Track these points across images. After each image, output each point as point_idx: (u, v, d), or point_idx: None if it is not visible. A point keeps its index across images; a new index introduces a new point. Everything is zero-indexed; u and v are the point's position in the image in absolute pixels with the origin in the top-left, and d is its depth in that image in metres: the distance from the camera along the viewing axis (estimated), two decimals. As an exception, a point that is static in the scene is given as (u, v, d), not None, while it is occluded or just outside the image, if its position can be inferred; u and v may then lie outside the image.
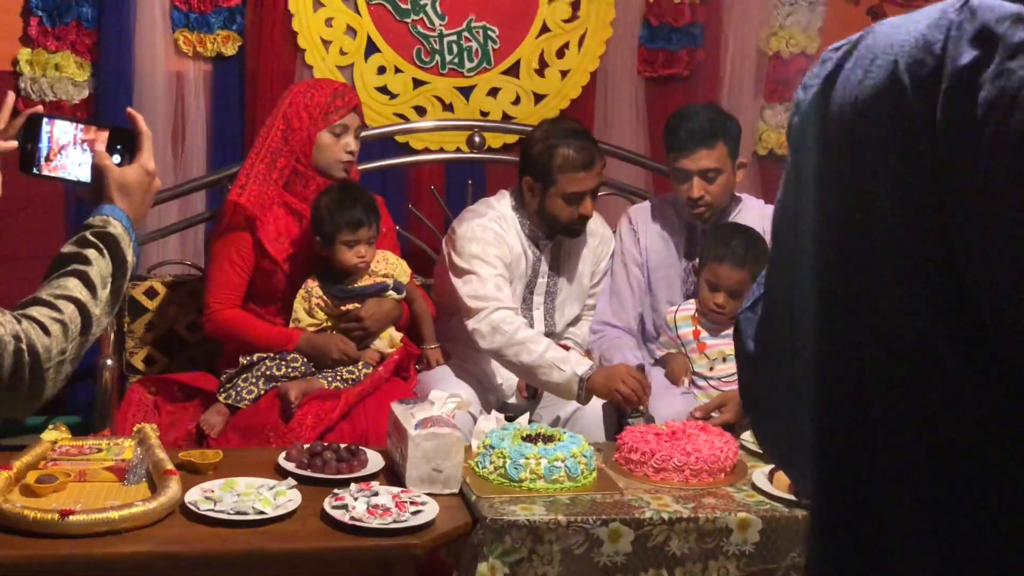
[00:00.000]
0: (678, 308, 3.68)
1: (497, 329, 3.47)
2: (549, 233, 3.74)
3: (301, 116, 3.60)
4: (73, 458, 2.83)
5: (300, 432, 3.26)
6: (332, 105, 3.59)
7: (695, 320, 3.63)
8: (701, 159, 3.63)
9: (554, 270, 3.80)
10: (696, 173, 3.64)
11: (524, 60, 4.58)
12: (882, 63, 1.11)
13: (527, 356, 3.43)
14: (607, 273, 3.91)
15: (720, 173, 3.65)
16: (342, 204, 3.47)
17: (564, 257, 3.82)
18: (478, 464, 2.90)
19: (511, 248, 3.68)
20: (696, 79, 4.77)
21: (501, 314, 3.49)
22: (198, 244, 4.36)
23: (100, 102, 4.25)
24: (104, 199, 1.93)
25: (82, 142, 1.99)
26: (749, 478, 2.92)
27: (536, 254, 3.76)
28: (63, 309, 1.74)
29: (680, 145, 3.64)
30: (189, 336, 3.90)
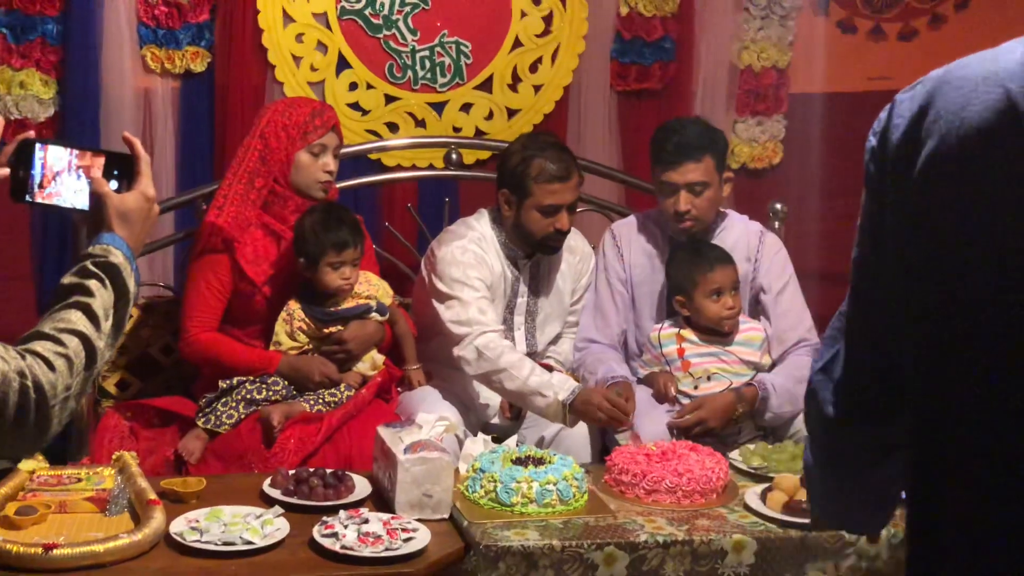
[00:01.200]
0: (662, 326, 3.67)
1: (481, 355, 3.45)
2: (527, 251, 3.71)
3: (279, 136, 3.55)
4: (52, 488, 2.78)
5: (283, 457, 3.22)
6: (311, 124, 3.55)
7: (679, 338, 3.62)
8: (688, 172, 3.62)
9: (533, 290, 3.78)
10: (683, 187, 3.63)
11: (497, 75, 4.56)
12: (987, 92, 1.14)
13: (511, 383, 3.40)
14: (588, 289, 3.88)
15: (707, 187, 3.64)
16: (327, 225, 3.43)
17: (543, 276, 3.80)
18: (468, 488, 2.87)
19: (492, 269, 3.65)
20: (669, 93, 4.77)
21: (485, 339, 3.46)
22: (167, 265, 4.30)
23: (66, 120, 4.18)
24: (104, 227, 1.89)
25: (78, 168, 1.94)
26: (741, 498, 2.91)
27: (515, 273, 3.73)
28: (67, 343, 1.69)
29: (667, 158, 3.63)
30: (164, 359, 3.84)
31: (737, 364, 3.59)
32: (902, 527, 2.74)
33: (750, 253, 3.74)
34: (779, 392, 3.50)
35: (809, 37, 4.91)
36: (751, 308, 3.75)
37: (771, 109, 4.88)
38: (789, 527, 2.76)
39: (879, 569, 2.76)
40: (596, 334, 3.81)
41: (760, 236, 3.79)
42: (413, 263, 4.12)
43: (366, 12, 4.40)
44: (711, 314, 3.58)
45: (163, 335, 3.84)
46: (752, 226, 3.82)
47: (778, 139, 4.92)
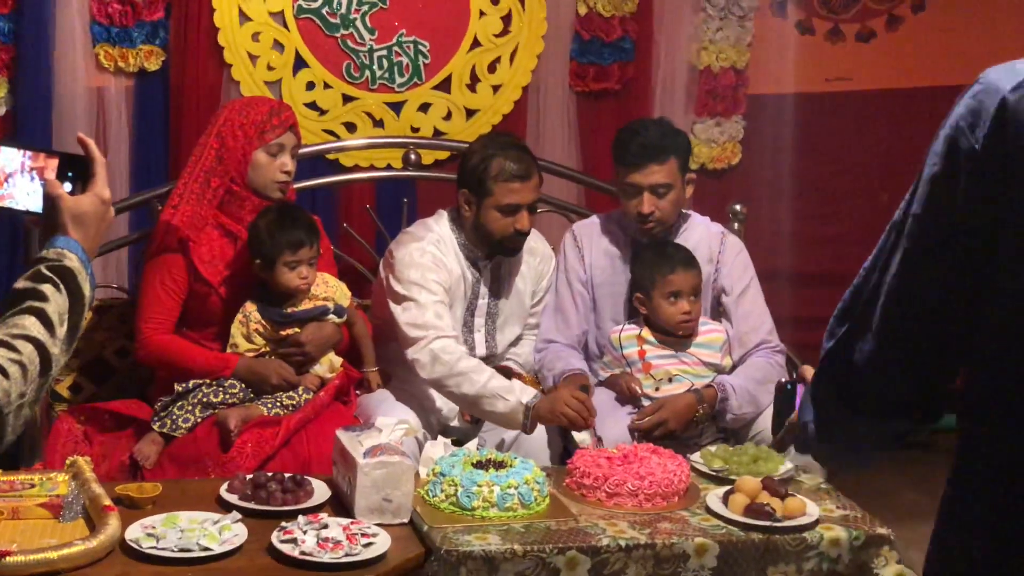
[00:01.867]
0: (623, 328, 3.66)
1: (437, 359, 3.42)
2: (487, 252, 3.69)
3: (236, 135, 3.49)
4: (5, 494, 2.73)
5: (240, 461, 3.18)
6: (268, 123, 3.50)
7: (640, 339, 3.61)
8: (652, 174, 3.61)
9: (494, 291, 3.76)
10: (647, 188, 3.62)
11: (455, 75, 4.55)
12: None
13: (469, 387, 3.38)
14: (549, 291, 3.88)
15: (671, 189, 3.64)
16: (282, 225, 3.40)
17: (504, 277, 3.78)
18: (428, 492, 2.85)
19: (450, 271, 3.62)
20: (628, 94, 4.78)
21: (441, 343, 3.44)
22: (121, 267, 4.27)
23: (18, 119, 4.14)
24: (58, 230, 1.85)
25: (31, 170, 1.91)
26: (703, 501, 2.90)
27: (475, 275, 3.71)
28: (21, 349, 1.66)
29: (630, 160, 3.62)
30: (118, 362, 3.79)
31: (698, 366, 3.59)
32: (864, 529, 2.77)
33: (712, 255, 3.74)
34: (739, 393, 3.50)
35: (767, 38, 4.95)
36: (712, 310, 3.76)
37: (730, 110, 4.90)
38: (751, 530, 2.76)
39: (840, 571, 2.76)
40: (556, 335, 3.80)
41: (722, 238, 3.79)
42: (372, 264, 4.09)
43: (323, 11, 4.38)
44: (666, 316, 3.58)
45: (117, 338, 3.79)
46: (714, 227, 3.83)
47: (737, 140, 4.94)
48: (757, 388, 3.53)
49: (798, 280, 5.04)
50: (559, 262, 3.87)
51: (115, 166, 4.24)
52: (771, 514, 2.77)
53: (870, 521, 2.86)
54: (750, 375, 3.57)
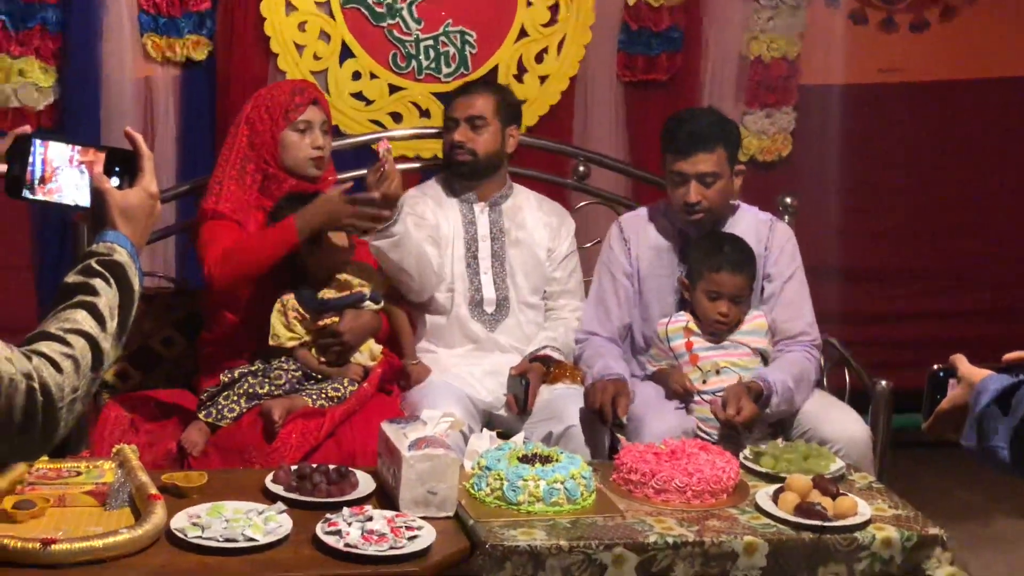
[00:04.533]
0: (670, 320, 3.63)
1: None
2: (458, 182, 3.89)
3: (263, 118, 3.58)
4: (51, 482, 2.75)
5: (284, 452, 3.19)
6: (291, 103, 3.59)
7: (687, 332, 3.59)
8: (699, 163, 3.58)
9: (496, 236, 3.86)
10: (694, 177, 3.59)
11: (502, 65, 4.52)
12: None
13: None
14: (571, 262, 3.94)
15: (718, 178, 3.61)
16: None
17: (508, 222, 3.88)
18: (474, 486, 2.84)
19: (420, 215, 3.81)
20: (676, 84, 4.73)
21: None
22: (168, 256, 4.28)
23: (66, 109, 4.15)
24: (106, 224, 1.86)
25: (79, 164, 1.91)
26: (752, 499, 2.88)
27: (468, 216, 3.85)
28: (73, 344, 1.67)
29: (678, 148, 3.60)
30: (164, 351, 3.81)
31: (746, 356, 3.56)
32: (916, 530, 2.74)
33: (760, 242, 3.71)
34: (780, 391, 3.47)
35: (820, 28, 4.88)
36: (757, 296, 3.73)
37: (781, 101, 4.85)
38: (802, 529, 2.73)
39: (892, 572, 2.73)
40: (597, 327, 3.79)
41: (771, 225, 3.77)
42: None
43: (370, 1, 4.37)
44: (703, 311, 3.57)
45: (164, 326, 3.81)
46: (762, 216, 3.80)
47: (787, 131, 4.88)
48: (796, 386, 3.52)
49: (846, 274, 5.00)
50: (603, 254, 3.87)
51: (161, 155, 4.25)
52: (822, 513, 2.74)
53: (923, 521, 2.83)
54: (789, 371, 3.54)
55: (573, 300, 3.94)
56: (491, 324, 3.82)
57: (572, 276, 3.96)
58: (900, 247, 5.13)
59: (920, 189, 5.11)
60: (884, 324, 5.09)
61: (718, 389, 3.49)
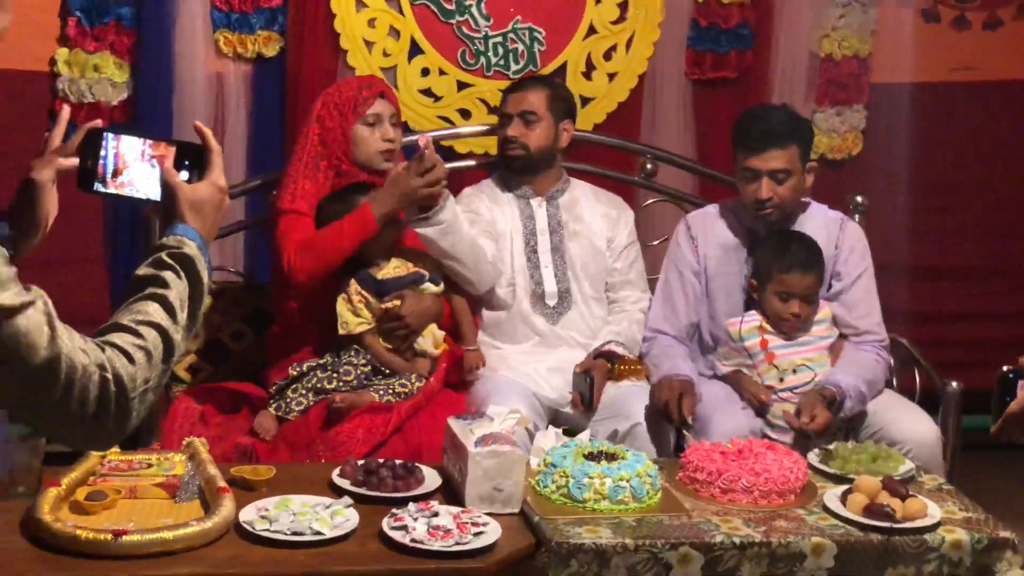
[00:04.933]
0: (742, 319, 3.60)
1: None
2: (516, 178, 3.91)
3: (333, 115, 3.61)
4: (123, 473, 2.78)
5: (351, 447, 3.20)
6: (359, 97, 3.62)
7: (761, 330, 3.57)
8: (772, 159, 3.57)
9: (554, 228, 3.87)
10: (766, 174, 3.58)
11: (571, 62, 4.52)
12: None
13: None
14: (632, 251, 3.93)
15: (790, 175, 3.59)
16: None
17: (566, 215, 3.89)
18: (539, 483, 2.84)
19: (476, 211, 3.84)
20: (745, 82, 4.70)
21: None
22: (238, 251, 4.31)
23: (139, 103, 4.21)
24: (176, 218, 1.88)
25: (151, 158, 1.93)
26: (820, 500, 2.85)
27: (526, 211, 3.86)
28: (145, 335, 1.68)
29: (751, 144, 3.58)
30: (234, 344, 3.85)
31: (819, 350, 3.54)
32: (987, 532, 2.70)
33: (830, 240, 3.68)
34: (853, 396, 3.45)
35: (892, 26, 4.82)
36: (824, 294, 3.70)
37: (851, 99, 4.80)
38: (870, 531, 2.70)
39: (961, 575, 2.69)
40: (665, 324, 3.78)
41: (841, 223, 3.75)
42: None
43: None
44: (773, 311, 3.55)
45: (234, 320, 3.85)
46: (833, 214, 3.77)
47: (858, 130, 4.83)
48: (868, 388, 3.51)
49: (917, 273, 4.94)
50: (671, 251, 3.85)
51: (232, 151, 4.30)
52: (891, 515, 2.71)
53: (993, 524, 2.78)
54: (859, 374, 3.51)
55: (635, 291, 3.93)
56: (553, 317, 3.82)
57: (633, 266, 3.96)
58: (972, 246, 5.06)
59: (992, 187, 5.04)
60: (955, 324, 5.02)
61: (796, 386, 3.49)
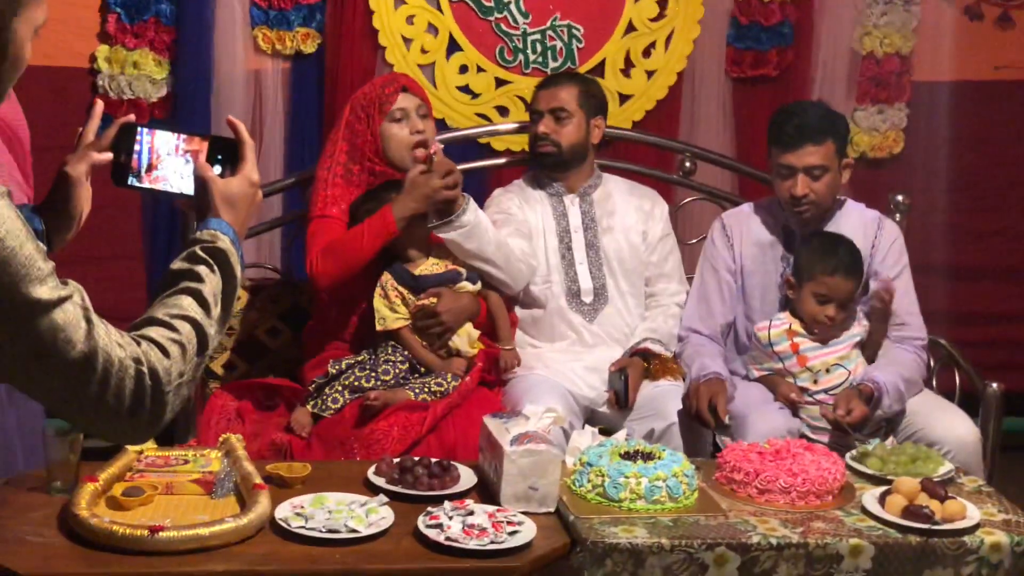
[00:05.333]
0: (771, 323, 3.58)
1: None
2: (546, 174, 3.90)
3: (360, 117, 3.62)
4: (160, 469, 2.79)
5: (386, 444, 3.20)
6: (383, 95, 3.62)
7: (791, 333, 3.54)
8: (807, 155, 3.55)
9: (588, 225, 3.86)
10: (801, 170, 3.56)
11: (609, 59, 4.51)
12: None
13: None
14: (663, 240, 3.91)
15: (826, 171, 3.57)
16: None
17: (599, 211, 3.88)
18: (575, 482, 2.83)
19: (506, 210, 3.83)
20: (786, 80, 4.68)
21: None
22: (274, 247, 4.33)
23: (178, 100, 4.23)
24: (209, 212, 1.89)
25: (185, 152, 1.94)
26: (858, 501, 2.82)
27: (559, 208, 3.84)
28: (180, 329, 1.69)
29: (786, 140, 3.57)
30: (270, 341, 3.85)
31: (851, 348, 3.51)
32: (1029, 536, 2.67)
33: (867, 239, 3.66)
34: (892, 393, 3.42)
35: (934, 23, 4.79)
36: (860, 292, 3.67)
37: (893, 97, 4.76)
38: (909, 532, 2.67)
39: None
40: (699, 324, 3.77)
41: (878, 222, 3.72)
42: (521, 250, 4.09)
43: (478, -5, 4.39)
44: (809, 312, 3.52)
45: (270, 317, 3.86)
46: (869, 213, 3.75)
47: (900, 128, 4.79)
48: (906, 387, 3.49)
49: (957, 273, 4.90)
50: (706, 249, 3.84)
51: (270, 148, 4.32)
52: (930, 516, 2.68)
53: (1034, 527, 2.75)
54: (898, 372, 3.48)
55: (671, 283, 3.92)
56: (590, 315, 3.81)
57: (669, 259, 3.94)
58: (1013, 245, 5.01)
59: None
60: (996, 325, 4.97)
61: (831, 387, 3.46)
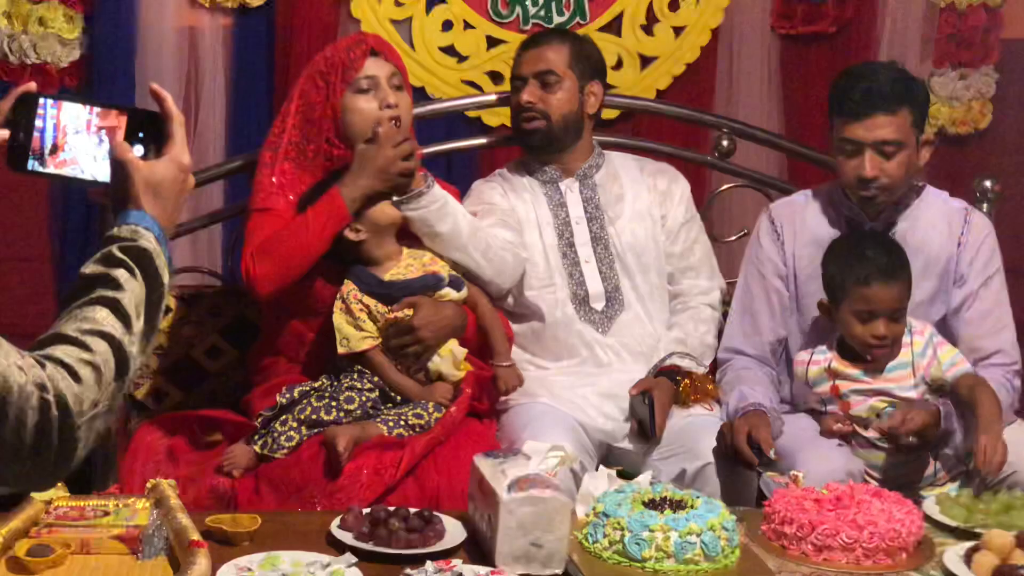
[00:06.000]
0: (809, 360, 3.58)
1: None
2: (537, 157, 3.93)
3: (318, 85, 3.61)
4: (73, 523, 2.79)
5: (354, 491, 3.20)
6: (348, 59, 3.61)
7: (831, 373, 3.54)
8: (878, 127, 3.55)
9: (591, 214, 3.88)
10: (870, 145, 3.56)
11: (628, 13, 4.53)
12: None
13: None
14: (687, 225, 3.94)
15: (900, 148, 3.57)
16: None
17: (604, 196, 3.90)
18: (588, 537, 2.84)
19: (488, 200, 3.87)
20: (846, 38, 4.72)
21: None
22: (214, 247, 4.33)
23: (94, 65, 4.23)
24: (129, 203, 1.89)
25: (99, 129, 1.94)
26: (939, 559, 2.84)
27: (556, 197, 3.88)
28: (94, 348, 1.70)
29: (852, 108, 3.57)
30: (209, 364, 3.87)
31: (906, 381, 3.51)
32: None
33: (952, 235, 3.67)
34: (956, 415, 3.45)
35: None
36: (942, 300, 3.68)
37: (978, 59, 4.79)
38: (1001, 599, 2.69)
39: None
40: (743, 343, 3.79)
41: (965, 215, 3.73)
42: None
43: (466, -67, 4.41)
44: (853, 335, 3.51)
45: (209, 334, 3.87)
46: (955, 203, 3.76)
47: (987, 97, 4.82)
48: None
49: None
50: (750, 251, 3.84)
51: (207, 124, 4.34)
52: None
53: None
54: None
55: (700, 279, 3.94)
56: (603, 324, 3.82)
57: (695, 248, 3.96)
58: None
59: None
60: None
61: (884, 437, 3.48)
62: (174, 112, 1.96)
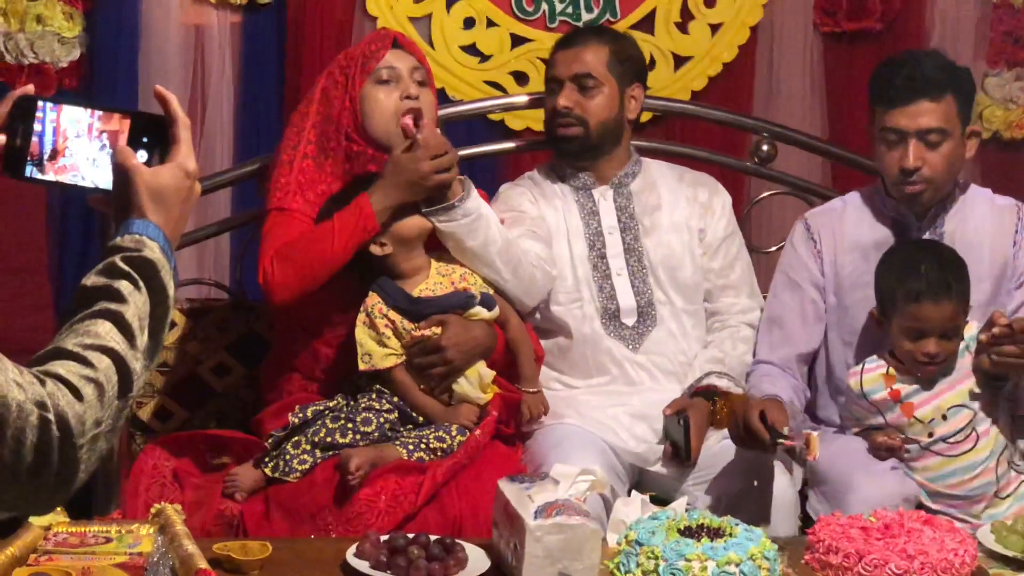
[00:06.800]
0: (863, 368, 3.58)
1: None
2: (571, 164, 3.92)
3: (338, 82, 3.63)
4: (74, 550, 2.80)
5: (370, 518, 3.21)
6: (369, 50, 3.63)
7: (888, 379, 3.54)
8: (922, 114, 3.56)
9: (626, 225, 3.88)
10: (913, 134, 3.56)
11: (661, 10, 4.54)
12: None
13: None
14: (727, 241, 3.93)
15: (945, 137, 3.57)
16: None
17: (640, 206, 3.90)
18: (619, 567, 2.83)
19: (517, 207, 3.86)
20: (893, 35, 4.72)
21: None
22: (222, 258, 4.34)
23: (94, 65, 4.26)
24: (132, 211, 1.90)
25: (100, 133, 1.95)
26: (994, 592, 2.84)
27: (588, 205, 3.88)
28: (96, 364, 1.70)
29: (894, 96, 3.57)
30: (216, 382, 3.88)
31: (969, 379, 3.52)
32: None
33: (1004, 233, 3.69)
34: None
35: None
36: (996, 301, 3.68)
37: (1036, 59, 4.79)
38: (1062, 634, 2.69)
39: None
40: (769, 353, 3.81)
41: (1017, 211, 3.74)
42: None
43: (488, -75, 4.42)
44: (903, 352, 3.53)
45: (216, 350, 3.88)
46: (1002, 200, 3.78)
47: (1044, 100, 4.82)
48: None
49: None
50: (783, 259, 3.85)
51: (215, 128, 4.35)
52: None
53: None
54: None
55: (740, 298, 3.93)
56: (634, 341, 3.82)
57: (736, 264, 3.95)
58: None
59: None
60: None
61: (950, 434, 3.48)
62: (179, 115, 1.96)
